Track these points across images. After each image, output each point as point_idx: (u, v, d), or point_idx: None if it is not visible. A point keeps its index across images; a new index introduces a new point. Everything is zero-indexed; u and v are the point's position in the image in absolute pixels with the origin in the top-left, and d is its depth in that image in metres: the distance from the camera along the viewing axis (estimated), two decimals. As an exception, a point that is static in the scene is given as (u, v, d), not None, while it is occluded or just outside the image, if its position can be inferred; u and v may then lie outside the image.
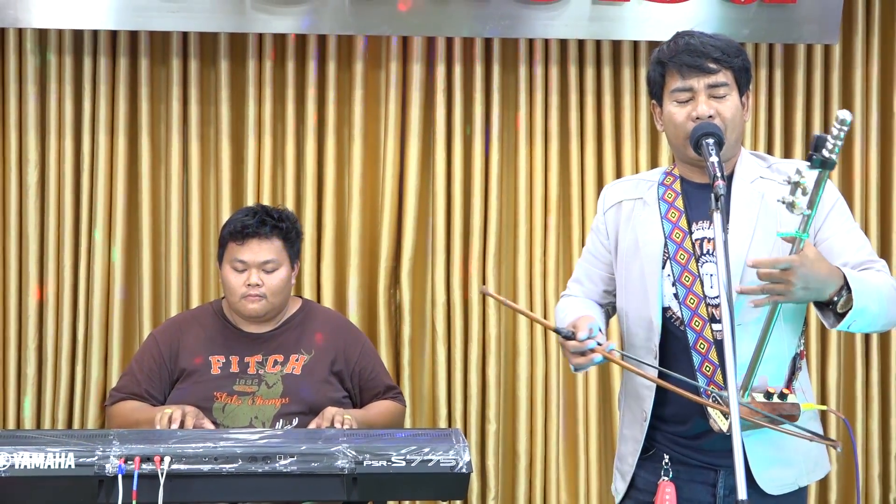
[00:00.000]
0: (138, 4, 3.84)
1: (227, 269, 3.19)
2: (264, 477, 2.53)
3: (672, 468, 2.53)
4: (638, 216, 2.59)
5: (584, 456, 4.15)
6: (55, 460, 2.48)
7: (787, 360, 2.47)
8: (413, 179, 4.11)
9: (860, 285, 2.31)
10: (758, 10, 4.01)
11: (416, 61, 4.09)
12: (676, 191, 2.56)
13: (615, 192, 2.71)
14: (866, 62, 4.26)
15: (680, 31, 2.57)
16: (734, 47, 2.52)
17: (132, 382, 3.22)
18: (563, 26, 3.98)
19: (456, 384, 4.13)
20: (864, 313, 2.31)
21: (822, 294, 2.31)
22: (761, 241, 2.44)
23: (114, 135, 4.05)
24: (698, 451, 2.53)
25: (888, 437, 4.27)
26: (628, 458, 2.62)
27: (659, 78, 2.53)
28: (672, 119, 2.49)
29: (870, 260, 2.46)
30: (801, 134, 4.22)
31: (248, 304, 3.16)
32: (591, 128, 4.16)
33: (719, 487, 2.51)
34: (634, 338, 2.57)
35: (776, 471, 2.48)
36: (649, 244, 2.55)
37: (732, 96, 2.48)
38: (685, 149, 2.48)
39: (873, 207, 4.26)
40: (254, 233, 3.17)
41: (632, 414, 2.62)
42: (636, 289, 2.57)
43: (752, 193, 2.50)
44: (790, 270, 2.23)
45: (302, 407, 3.12)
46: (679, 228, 2.52)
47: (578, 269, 2.77)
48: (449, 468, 2.55)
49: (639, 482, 2.60)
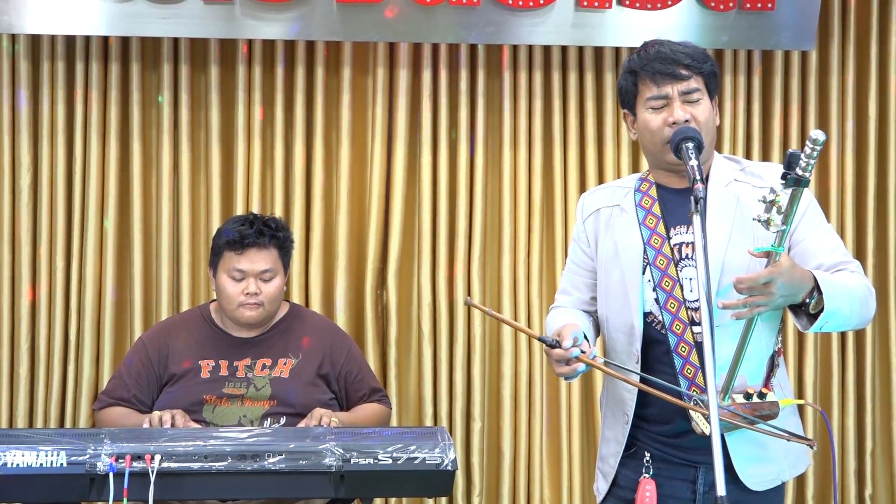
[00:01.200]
0: (130, 11, 3.88)
1: (225, 278, 3.21)
2: (253, 475, 2.56)
3: (653, 465, 2.55)
4: (616, 223, 2.61)
5: (566, 453, 4.19)
6: (47, 459, 2.51)
7: (765, 358, 2.51)
8: (399, 183, 4.16)
9: (831, 288, 2.35)
10: (736, 18, 4.06)
11: (402, 67, 4.14)
12: (653, 197, 2.59)
13: (593, 201, 2.72)
14: (842, 68, 4.32)
15: (647, 40, 2.60)
16: (702, 53, 2.56)
17: (120, 387, 3.24)
18: (547, 33, 4.03)
19: (441, 383, 4.17)
20: (835, 314, 2.36)
21: (797, 298, 2.36)
22: (738, 243, 2.47)
23: (105, 139, 4.09)
24: (679, 448, 2.56)
25: (863, 434, 4.32)
26: (610, 459, 2.64)
27: (632, 87, 2.56)
28: (648, 126, 2.52)
29: (844, 261, 2.50)
30: (779, 139, 4.28)
31: (246, 311, 3.20)
32: (574, 133, 4.21)
33: (699, 484, 2.54)
34: (616, 343, 2.59)
35: (758, 467, 2.52)
36: (628, 250, 2.57)
37: (705, 101, 2.52)
38: (662, 154, 2.51)
39: (849, 211, 4.31)
40: (253, 242, 3.20)
41: (613, 416, 2.64)
42: (617, 295, 2.58)
43: (728, 196, 2.53)
44: (770, 283, 2.27)
45: (289, 409, 3.16)
46: (657, 234, 2.54)
47: (564, 279, 2.78)
48: (434, 465, 2.59)
49: (620, 480, 2.63)
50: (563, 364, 2.41)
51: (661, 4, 4.01)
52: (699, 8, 4.05)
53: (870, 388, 4.33)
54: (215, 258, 3.27)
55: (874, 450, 4.35)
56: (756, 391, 2.43)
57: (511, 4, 3.96)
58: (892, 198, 4.33)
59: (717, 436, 2.01)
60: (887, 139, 4.33)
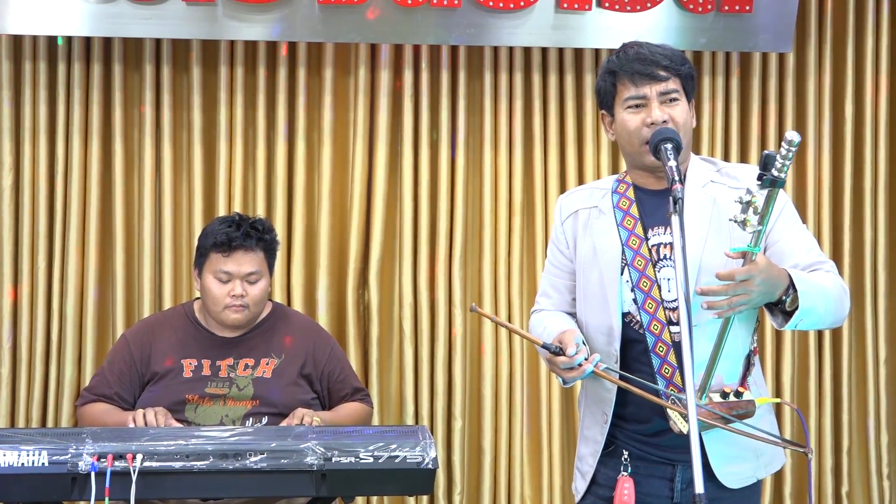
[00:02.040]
0: (112, 12, 3.88)
1: (211, 280, 3.21)
2: (235, 474, 2.56)
3: (631, 464, 2.57)
4: (594, 224, 2.62)
5: (546, 452, 4.22)
6: (29, 458, 2.50)
7: (741, 357, 2.53)
8: (381, 183, 4.18)
9: (806, 286, 2.37)
10: (715, 20, 4.10)
11: (384, 68, 4.16)
12: (630, 198, 2.60)
13: (571, 202, 2.73)
14: (819, 70, 4.35)
15: (626, 42, 2.62)
16: (680, 56, 2.57)
17: (103, 384, 3.24)
18: (527, 34, 4.05)
19: (423, 382, 4.19)
20: (810, 312, 2.38)
21: (773, 296, 2.38)
22: (715, 243, 2.49)
23: (88, 139, 4.09)
24: (657, 447, 2.57)
25: (840, 433, 4.36)
26: (588, 459, 2.65)
27: (610, 87, 2.57)
28: (626, 126, 2.53)
29: (819, 261, 2.52)
30: (757, 140, 4.32)
31: (232, 313, 3.20)
32: (554, 133, 4.24)
33: (677, 481, 2.56)
34: (595, 343, 2.59)
35: (735, 466, 2.53)
36: (607, 251, 2.58)
37: (682, 102, 2.53)
38: (640, 155, 2.53)
39: (825, 212, 4.35)
40: (240, 245, 3.20)
41: (592, 416, 2.66)
42: (596, 295, 2.59)
43: (704, 197, 2.54)
44: (749, 280, 2.29)
45: (272, 409, 3.17)
46: (635, 235, 2.55)
47: (544, 282, 2.78)
48: (415, 464, 2.60)
49: (599, 478, 2.64)
50: (568, 370, 2.44)
51: (641, 6, 4.04)
52: (678, 10, 4.08)
53: (846, 387, 4.37)
54: (201, 259, 3.27)
55: (850, 448, 4.39)
56: (733, 390, 2.45)
57: (492, 6, 3.98)
58: (867, 199, 4.37)
59: (696, 434, 2.03)
60: (863, 141, 4.37)
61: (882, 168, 4.39)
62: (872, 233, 4.38)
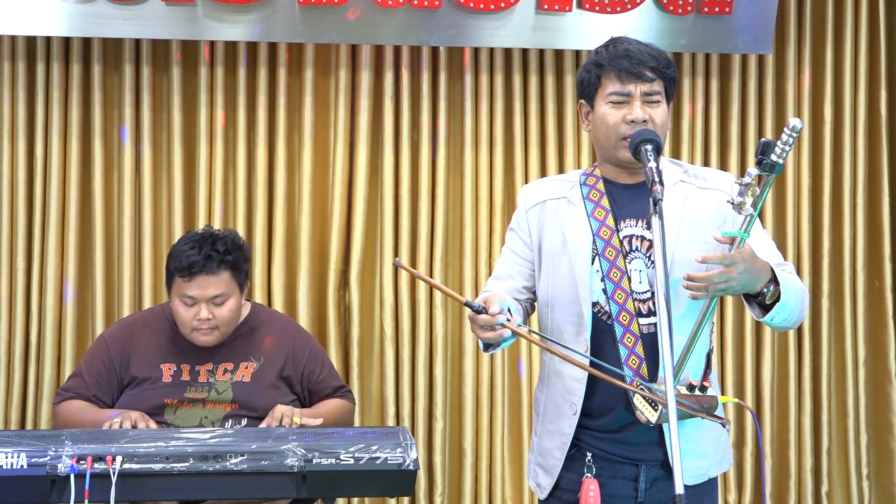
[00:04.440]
0: (91, 11, 3.87)
1: (177, 303, 3.16)
2: (215, 475, 2.56)
3: (595, 465, 2.56)
4: (564, 214, 2.62)
5: (527, 452, 4.17)
6: (7, 460, 2.49)
7: (703, 355, 2.54)
8: (362, 184, 4.18)
9: (786, 281, 2.44)
10: (694, 21, 4.12)
11: (364, 69, 4.16)
12: (601, 190, 2.61)
13: (537, 192, 2.72)
14: (798, 71, 4.38)
15: (614, 36, 2.63)
16: (666, 59, 2.60)
17: (80, 385, 3.21)
18: (508, 36, 4.06)
19: (404, 383, 4.19)
20: (785, 307, 2.43)
21: (755, 287, 2.40)
22: (685, 238, 2.52)
23: (67, 139, 4.08)
24: (621, 444, 2.57)
25: (819, 433, 4.39)
26: (555, 452, 2.62)
27: (595, 79, 2.58)
28: (605, 120, 2.55)
29: (779, 263, 2.55)
30: (737, 140, 4.34)
31: (200, 336, 3.15)
32: (535, 134, 4.25)
33: (641, 481, 2.56)
34: (563, 333, 2.58)
35: (690, 461, 2.49)
36: (577, 240, 2.58)
37: (663, 104, 2.56)
38: (615, 150, 2.54)
39: (805, 213, 4.38)
40: (200, 269, 3.13)
41: (557, 407, 2.62)
42: (565, 285, 2.58)
43: (675, 195, 2.56)
44: (733, 266, 2.32)
45: (251, 412, 3.15)
46: (606, 226, 2.56)
47: (499, 267, 2.75)
48: (396, 465, 2.61)
49: (563, 482, 2.62)
50: (489, 329, 2.38)
51: (621, 8, 4.06)
52: (658, 11, 4.10)
53: (826, 387, 4.40)
54: (168, 280, 3.21)
55: (830, 447, 4.41)
56: (698, 384, 2.47)
57: (472, 7, 3.99)
58: (846, 200, 4.40)
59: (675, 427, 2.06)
60: (842, 142, 4.40)
61: (861, 169, 4.42)
62: (852, 233, 4.41)
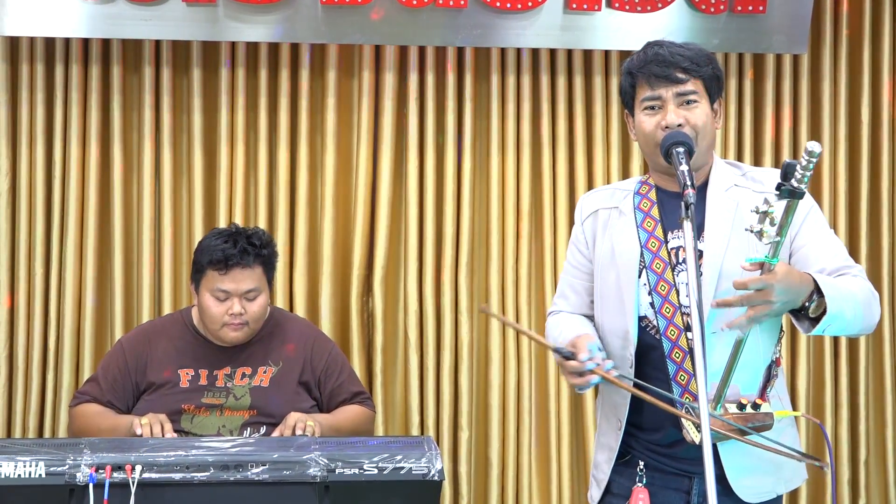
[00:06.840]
0: (110, 12, 3.84)
1: (208, 297, 3.16)
2: (236, 485, 2.54)
3: (647, 474, 2.53)
4: (614, 225, 2.60)
5: (556, 462, 4.17)
6: (26, 469, 2.48)
7: (761, 368, 2.48)
8: (385, 188, 4.13)
9: (833, 290, 2.32)
10: (728, 21, 4.06)
11: (388, 70, 4.11)
12: (652, 200, 2.58)
13: (591, 202, 2.70)
14: (834, 72, 4.32)
15: (650, 41, 2.58)
16: (704, 56, 2.53)
17: (96, 389, 3.22)
18: (535, 36, 4.01)
19: (428, 392, 4.14)
20: (838, 318, 2.32)
21: (797, 302, 2.32)
22: (736, 249, 2.44)
23: (86, 142, 4.05)
24: (673, 458, 2.53)
25: (857, 444, 4.32)
26: (603, 466, 2.62)
27: (629, 88, 2.55)
28: (642, 128, 2.51)
29: (846, 266, 2.47)
30: (771, 142, 4.28)
31: (231, 332, 3.15)
32: (563, 136, 4.19)
33: (694, 494, 2.52)
34: (610, 347, 2.56)
35: (753, 478, 2.49)
36: (625, 253, 2.55)
37: (702, 104, 2.49)
38: (656, 157, 2.50)
39: (841, 215, 4.31)
40: (237, 262, 3.13)
41: (608, 422, 2.63)
42: (612, 298, 2.56)
43: (727, 202, 2.51)
44: (767, 290, 2.22)
45: (270, 419, 3.13)
46: (655, 237, 2.53)
47: (562, 283, 2.75)
48: (421, 476, 2.58)
49: (614, 487, 2.61)
50: (577, 375, 2.40)
51: (651, 7, 4.00)
52: (690, 10, 4.04)
53: (863, 396, 4.33)
54: (197, 275, 3.21)
55: (868, 459, 4.34)
56: (750, 401, 2.40)
57: (499, 7, 3.94)
58: (885, 203, 4.33)
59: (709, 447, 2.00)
60: (880, 144, 4.33)
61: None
62: (890, 237, 4.34)
